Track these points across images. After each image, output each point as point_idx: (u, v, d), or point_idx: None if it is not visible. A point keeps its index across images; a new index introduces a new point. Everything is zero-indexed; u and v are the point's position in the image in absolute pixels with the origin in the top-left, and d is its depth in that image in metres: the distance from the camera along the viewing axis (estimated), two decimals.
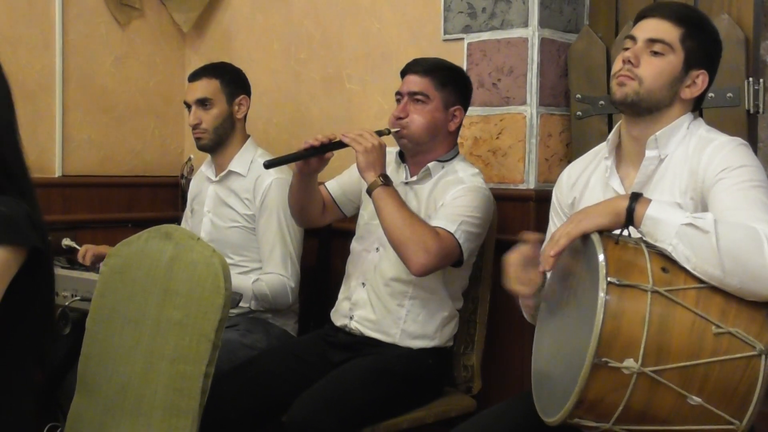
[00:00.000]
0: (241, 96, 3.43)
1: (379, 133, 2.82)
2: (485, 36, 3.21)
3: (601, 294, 1.77)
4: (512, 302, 2.30)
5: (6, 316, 1.79)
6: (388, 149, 2.85)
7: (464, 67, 3.23)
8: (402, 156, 3.01)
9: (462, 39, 3.27)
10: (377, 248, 2.95)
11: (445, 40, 3.32)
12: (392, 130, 2.88)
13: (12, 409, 1.89)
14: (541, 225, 2.70)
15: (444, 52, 3.21)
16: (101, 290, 2.30)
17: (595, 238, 1.90)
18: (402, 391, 2.82)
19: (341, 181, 3.15)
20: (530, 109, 3.11)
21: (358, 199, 3.10)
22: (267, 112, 3.96)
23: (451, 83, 2.91)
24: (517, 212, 3.10)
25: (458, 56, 3.24)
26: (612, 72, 2.27)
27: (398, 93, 2.93)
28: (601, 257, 1.82)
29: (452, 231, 2.73)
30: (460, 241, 2.73)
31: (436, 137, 2.90)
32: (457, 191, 2.82)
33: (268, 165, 2.84)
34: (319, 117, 3.83)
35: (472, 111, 3.16)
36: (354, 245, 3.07)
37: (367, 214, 3.03)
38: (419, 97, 2.87)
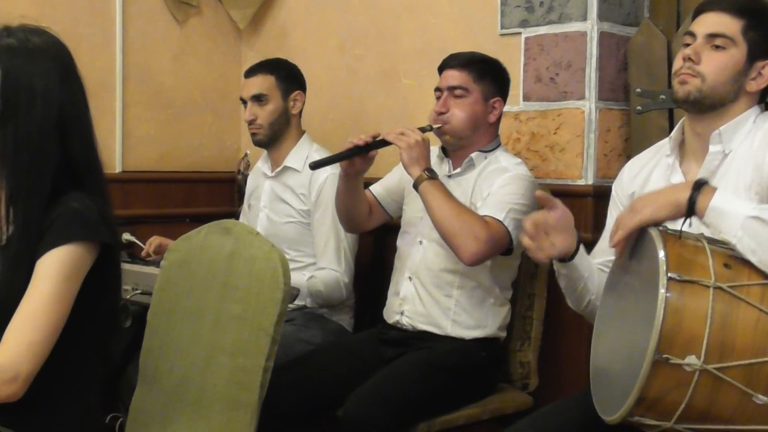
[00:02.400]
0: (296, 92, 3.45)
1: (422, 130, 2.83)
2: (543, 30, 3.18)
3: (662, 290, 1.74)
4: None
5: (76, 311, 1.81)
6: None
7: (521, 62, 3.21)
8: (444, 151, 3.02)
9: (519, 33, 3.25)
10: (420, 241, 2.96)
11: (502, 35, 3.30)
12: (434, 126, 2.89)
13: (79, 402, 1.92)
14: (599, 222, 2.68)
15: (501, 47, 3.20)
16: (162, 284, 2.32)
17: (654, 233, 1.87)
18: (456, 386, 2.81)
19: (384, 182, 3.17)
20: (589, 104, 3.09)
21: (402, 198, 3.11)
22: (322, 108, 3.96)
23: (488, 75, 2.92)
24: (574, 209, 3.04)
25: (515, 51, 3.22)
26: (673, 70, 2.24)
27: (437, 89, 2.95)
28: (661, 253, 1.79)
29: (501, 219, 2.73)
30: (509, 229, 2.73)
31: (478, 130, 2.91)
32: (503, 180, 2.82)
33: (314, 166, 2.88)
34: (375, 113, 3.83)
35: (530, 106, 3.15)
36: (399, 242, 3.09)
37: (409, 209, 3.04)
38: (458, 91, 2.88)
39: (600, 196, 2.96)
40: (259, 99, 3.38)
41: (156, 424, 2.23)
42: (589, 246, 2.40)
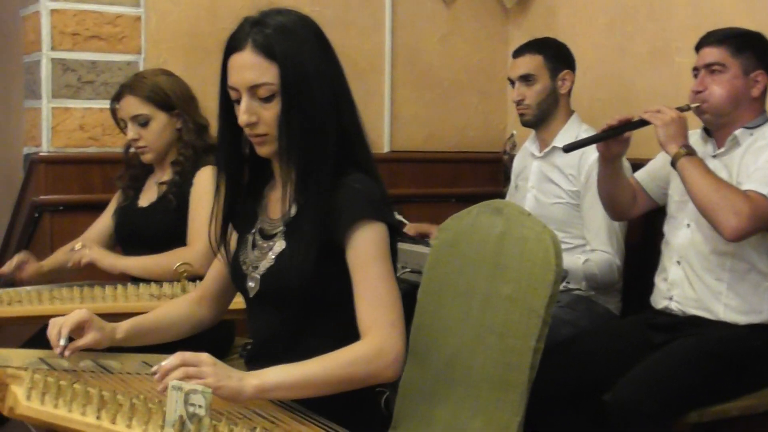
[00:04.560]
0: (565, 71, 3.41)
1: (680, 110, 2.77)
2: None
3: None
4: None
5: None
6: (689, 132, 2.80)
7: None
8: (707, 131, 2.93)
9: None
10: (687, 224, 2.88)
11: None
12: (692, 105, 2.81)
13: None
14: None
15: None
16: (432, 263, 2.35)
17: None
18: (729, 375, 2.71)
19: (648, 167, 3.11)
20: None
21: (667, 183, 3.02)
22: (591, 88, 3.90)
23: (748, 48, 2.80)
24: None
25: None
26: None
27: (695, 68, 2.87)
28: None
29: (765, 193, 2.62)
30: None
31: (739, 106, 2.81)
32: None
33: (568, 149, 2.89)
34: (645, 92, 3.73)
35: None
36: (665, 228, 3.01)
37: (674, 192, 2.96)
38: (715, 67, 2.80)
39: None
40: (527, 79, 3.37)
41: (424, 401, 2.27)
42: None
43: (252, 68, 1.85)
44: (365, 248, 1.85)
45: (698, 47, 2.88)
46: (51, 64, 3.57)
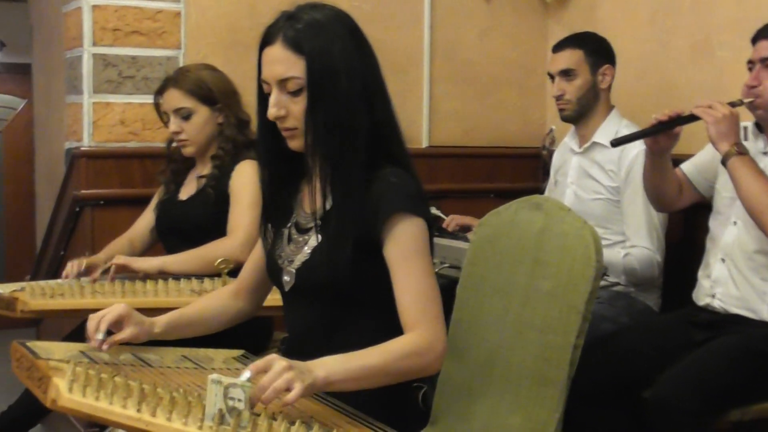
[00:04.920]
0: (606, 66, 3.39)
1: (732, 105, 2.72)
2: None
3: None
4: None
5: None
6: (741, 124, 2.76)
7: None
8: (759, 127, 2.88)
9: None
10: (734, 222, 2.85)
11: None
12: (745, 100, 2.76)
13: None
14: None
15: None
16: (472, 259, 2.35)
17: None
18: None
19: (695, 160, 3.07)
20: None
21: (714, 177, 2.99)
22: (631, 82, 3.87)
23: None
24: None
25: None
26: None
27: (750, 61, 2.81)
28: None
29: None
30: None
31: None
32: None
33: (615, 143, 2.87)
34: (687, 87, 3.69)
35: None
36: (711, 223, 2.98)
37: (723, 188, 2.92)
38: None
39: None
40: (567, 74, 3.35)
41: (463, 396, 2.26)
42: None
43: (281, 62, 1.87)
44: (406, 243, 1.85)
45: (754, 40, 2.83)
46: (92, 60, 3.60)
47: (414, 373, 1.84)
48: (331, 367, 1.71)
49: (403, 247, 1.85)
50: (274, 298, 2.17)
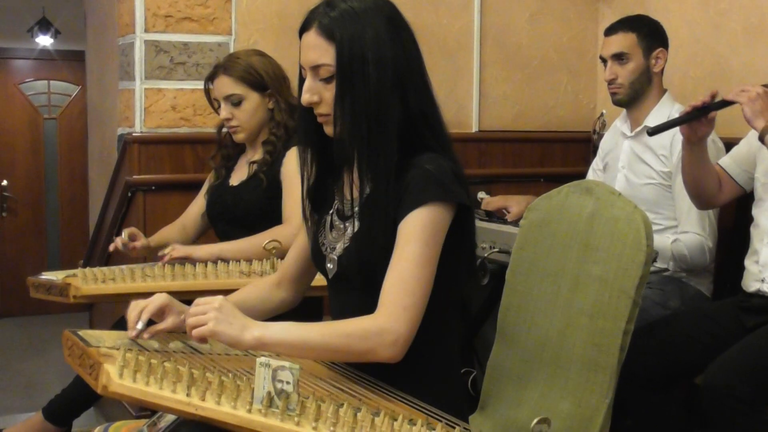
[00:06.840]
0: (659, 49, 3.34)
1: (766, 86, 2.70)
2: None
3: None
4: None
5: (438, 270, 1.85)
6: None
7: None
8: None
9: None
10: None
11: None
12: None
13: (443, 358, 1.97)
14: None
15: None
16: (521, 243, 2.34)
17: None
18: None
19: (732, 153, 3.04)
20: None
21: (753, 167, 2.96)
22: (684, 66, 3.83)
23: None
24: None
25: None
26: None
27: None
28: None
29: None
30: None
31: None
32: None
33: (652, 132, 2.84)
34: (740, 70, 3.64)
35: None
36: (754, 211, 2.95)
37: (761, 175, 2.90)
38: None
39: None
40: (620, 57, 3.31)
41: (513, 381, 2.26)
42: None
43: (314, 48, 1.88)
44: (408, 228, 1.84)
45: None
46: (144, 46, 3.64)
47: (359, 355, 1.80)
48: (270, 330, 1.76)
49: (405, 232, 1.84)
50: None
